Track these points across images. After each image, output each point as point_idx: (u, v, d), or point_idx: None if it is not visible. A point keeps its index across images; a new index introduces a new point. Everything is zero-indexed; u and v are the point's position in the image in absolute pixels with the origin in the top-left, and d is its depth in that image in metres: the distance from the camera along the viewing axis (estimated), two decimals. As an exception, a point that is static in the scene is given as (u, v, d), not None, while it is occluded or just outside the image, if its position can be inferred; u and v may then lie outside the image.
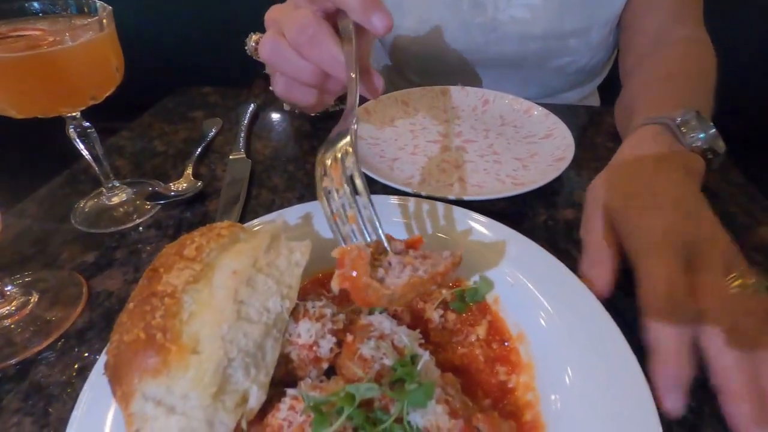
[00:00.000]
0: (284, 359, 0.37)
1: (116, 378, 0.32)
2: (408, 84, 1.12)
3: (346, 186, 0.41)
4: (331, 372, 0.39)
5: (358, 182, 0.41)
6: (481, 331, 0.45)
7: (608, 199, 0.52)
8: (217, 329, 0.33)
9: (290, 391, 0.34)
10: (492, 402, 0.39)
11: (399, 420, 0.33)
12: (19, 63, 0.47)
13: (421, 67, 1.09)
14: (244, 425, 0.32)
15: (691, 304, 0.41)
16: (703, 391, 0.40)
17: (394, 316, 0.44)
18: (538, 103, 0.88)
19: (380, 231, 0.41)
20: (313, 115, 0.92)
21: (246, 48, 0.91)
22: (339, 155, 0.42)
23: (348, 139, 0.43)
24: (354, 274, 0.36)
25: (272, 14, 0.50)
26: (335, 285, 0.37)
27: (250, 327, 0.34)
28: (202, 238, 0.39)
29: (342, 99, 0.70)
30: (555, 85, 1.06)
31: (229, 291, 0.35)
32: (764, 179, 0.80)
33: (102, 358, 0.36)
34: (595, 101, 1.21)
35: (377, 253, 0.40)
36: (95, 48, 0.52)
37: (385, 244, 0.41)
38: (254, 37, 0.91)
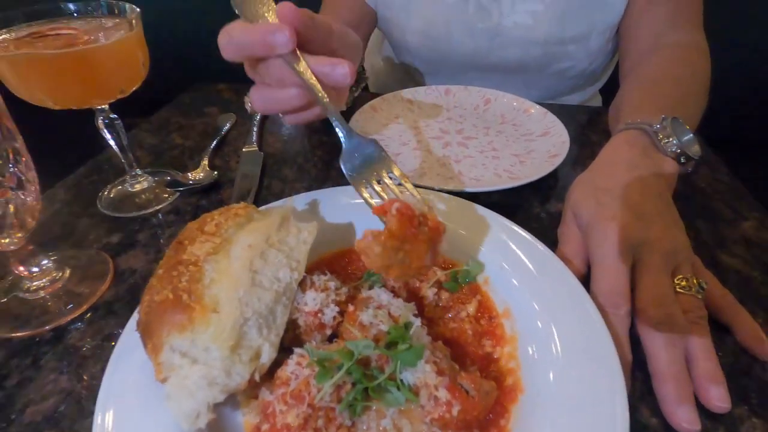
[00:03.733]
0: (292, 325, 0.42)
1: (147, 333, 0.37)
2: (414, 84, 1.16)
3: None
4: (333, 339, 0.44)
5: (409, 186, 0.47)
6: (471, 308, 0.49)
7: (578, 206, 0.57)
8: (234, 293, 0.37)
9: (297, 350, 0.38)
10: (477, 369, 0.43)
11: (392, 378, 0.38)
12: (58, 59, 0.53)
13: (428, 68, 1.13)
14: (257, 377, 0.37)
15: (627, 304, 0.47)
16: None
17: (392, 291, 0.48)
18: (539, 103, 0.91)
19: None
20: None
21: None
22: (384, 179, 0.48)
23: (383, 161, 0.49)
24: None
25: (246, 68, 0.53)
26: (392, 221, 0.39)
27: (262, 293, 0.39)
28: (220, 216, 0.44)
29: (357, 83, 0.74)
30: (556, 88, 1.10)
31: (244, 261, 0.40)
32: (753, 178, 0.83)
33: (134, 318, 0.41)
34: (597, 104, 1.24)
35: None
36: (125, 45, 0.57)
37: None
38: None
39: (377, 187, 0.48)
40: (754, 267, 0.59)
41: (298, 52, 0.47)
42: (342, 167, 0.49)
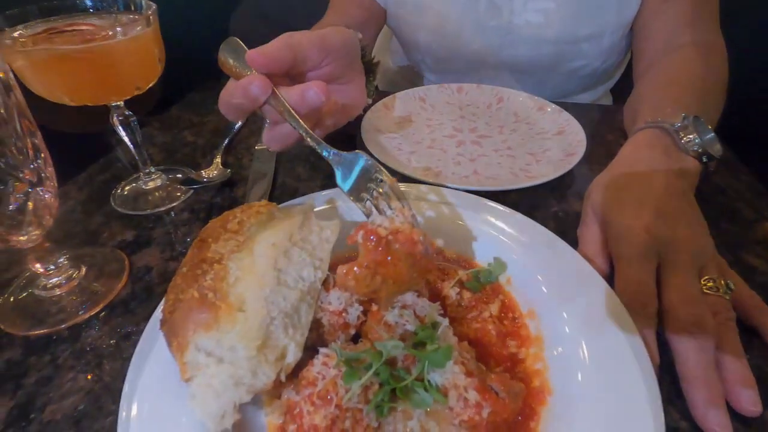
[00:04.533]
0: (316, 324, 0.41)
1: (172, 332, 0.36)
2: (424, 82, 1.15)
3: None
4: (356, 339, 0.43)
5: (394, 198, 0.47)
6: (493, 308, 0.48)
7: (600, 206, 0.56)
8: (259, 291, 0.37)
9: (323, 350, 0.38)
10: (503, 370, 0.43)
11: (419, 379, 0.37)
12: (76, 54, 0.52)
13: (438, 66, 1.12)
14: (283, 377, 0.37)
15: (654, 304, 0.46)
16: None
17: (416, 291, 0.47)
18: (553, 101, 0.91)
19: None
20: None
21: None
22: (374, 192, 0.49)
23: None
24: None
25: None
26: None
27: (288, 292, 0.38)
28: (243, 214, 0.43)
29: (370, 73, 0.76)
30: (568, 87, 1.09)
31: (269, 260, 0.39)
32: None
33: (155, 315, 0.41)
34: (607, 101, 1.23)
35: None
36: (142, 41, 0.57)
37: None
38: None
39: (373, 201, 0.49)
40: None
41: (276, 90, 0.53)
42: (340, 187, 0.51)
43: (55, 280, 0.56)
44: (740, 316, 0.49)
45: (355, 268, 0.37)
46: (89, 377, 0.47)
